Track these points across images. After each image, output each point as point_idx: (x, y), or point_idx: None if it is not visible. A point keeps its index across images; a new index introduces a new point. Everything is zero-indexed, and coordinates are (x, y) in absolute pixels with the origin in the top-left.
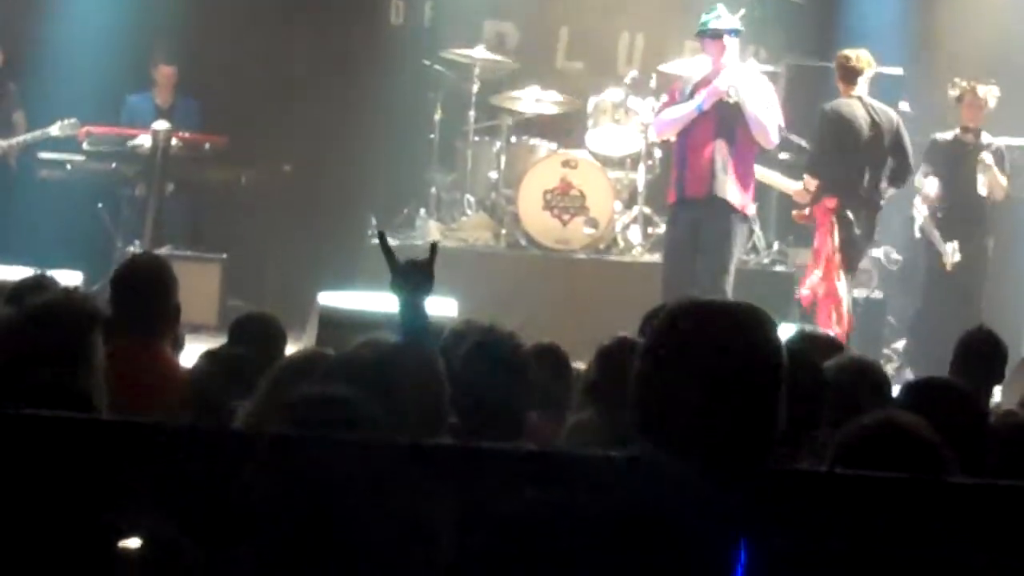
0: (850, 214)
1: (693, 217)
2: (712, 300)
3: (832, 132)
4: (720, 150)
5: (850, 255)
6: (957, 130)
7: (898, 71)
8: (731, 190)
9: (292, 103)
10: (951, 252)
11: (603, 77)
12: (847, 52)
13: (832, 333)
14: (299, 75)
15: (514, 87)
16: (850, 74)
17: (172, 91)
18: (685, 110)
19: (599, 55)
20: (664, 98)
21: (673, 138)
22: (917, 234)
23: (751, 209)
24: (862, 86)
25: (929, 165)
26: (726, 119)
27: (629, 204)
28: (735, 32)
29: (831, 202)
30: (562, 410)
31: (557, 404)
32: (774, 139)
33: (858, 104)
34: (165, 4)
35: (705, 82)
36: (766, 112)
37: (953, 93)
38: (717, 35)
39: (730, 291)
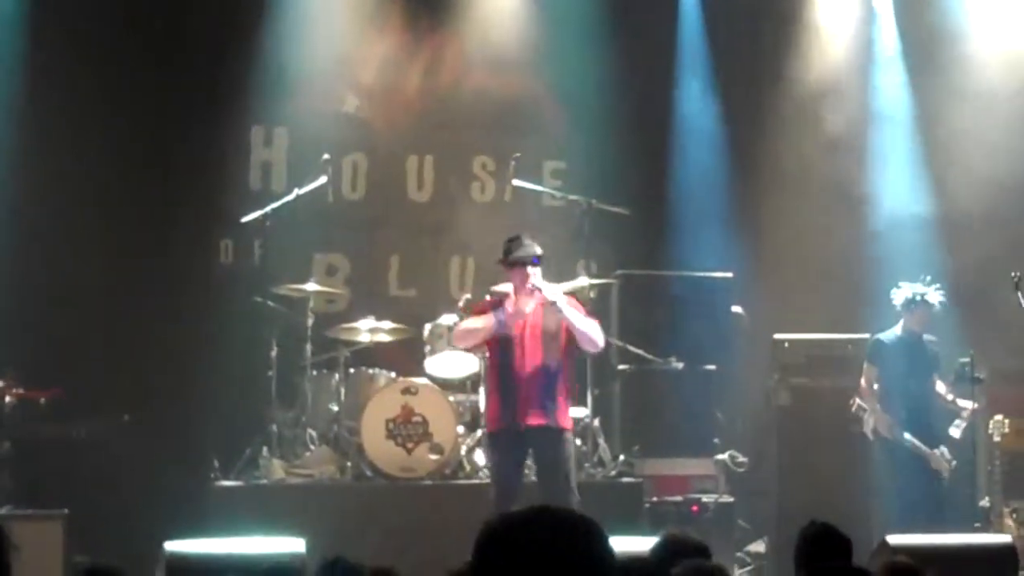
0: None
1: (524, 445)
2: (532, 511)
3: None
4: (548, 380)
5: None
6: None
7: (728, 275)
8: (562, 416)
9: (126, 350)
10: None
11: (437, 302)
12: None
13: None
14: (131, 321)
15: (348, 319)
16: None
17: None
18: (484, 322)
19: (431, 281)
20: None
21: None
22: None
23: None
24: None
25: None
26: (549, 349)
27: (472, 426)
28: (537, 259)
29: None
30: None
31: None
32: (600, 341)
33: None
34: None
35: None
36: (585, 319)
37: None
38: (521, 263)
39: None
